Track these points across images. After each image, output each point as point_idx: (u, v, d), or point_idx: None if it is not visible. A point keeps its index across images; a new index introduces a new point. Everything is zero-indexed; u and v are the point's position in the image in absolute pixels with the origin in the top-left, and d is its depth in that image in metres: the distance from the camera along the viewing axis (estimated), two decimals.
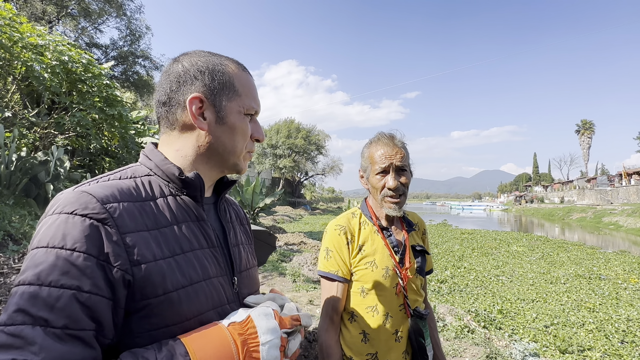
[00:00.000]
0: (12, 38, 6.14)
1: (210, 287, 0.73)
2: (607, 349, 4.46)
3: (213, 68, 0.78)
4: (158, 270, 0.65)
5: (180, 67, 0.78)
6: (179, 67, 0.78)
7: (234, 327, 0.66)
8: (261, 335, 0.66)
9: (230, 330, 0.65)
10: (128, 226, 0.64)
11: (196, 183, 0.76)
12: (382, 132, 1.45)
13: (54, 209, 0.63)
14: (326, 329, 1.35)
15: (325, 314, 1.36)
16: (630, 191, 35.78)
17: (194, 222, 0.76)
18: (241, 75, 0.82)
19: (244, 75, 0.83)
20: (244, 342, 0.64)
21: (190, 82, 0.77)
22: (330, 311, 1.36)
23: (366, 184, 1.46)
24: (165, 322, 0.65)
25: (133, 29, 21.53)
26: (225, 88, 0.78)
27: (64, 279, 0.56)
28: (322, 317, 1.37)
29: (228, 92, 0.78)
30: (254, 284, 0.91)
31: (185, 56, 0.81)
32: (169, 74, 0.78)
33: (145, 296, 0.63)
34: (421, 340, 1.33)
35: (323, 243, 1.44)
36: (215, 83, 0.77)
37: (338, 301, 1.36)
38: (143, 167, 0.79)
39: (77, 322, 0.55)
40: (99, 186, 0.67)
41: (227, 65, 0.80)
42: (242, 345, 0.64)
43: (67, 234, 0.59)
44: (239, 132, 0.80)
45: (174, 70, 0.78)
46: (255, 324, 0.67)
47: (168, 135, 0.80)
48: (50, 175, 6.56)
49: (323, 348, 1.34)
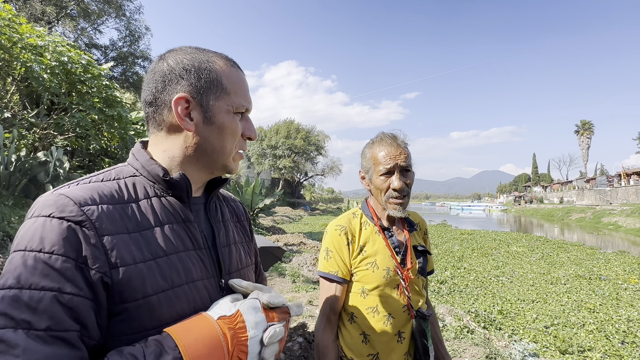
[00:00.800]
0: (12, 39, 6.14)
1: (194, 290, 0.71)
2: (607, 349, 4.45)
3: (199, 66, 0.75)
4: (138, 274, 0.64)
5: (165, 66, 0.75)
6: (164, 65, 0.76)
7: (224, 321, 0.65)
8: (250, 330, 0.66)
9: (220, 324, 0.65)
10: (107, 229, 0.63)
11: (181, 184, 0.74)
12: (384, 132, 1.43)
13: (32, 212, 0.62)
14: (323, 329, 1.34)
15: (322, 314, 1.36)
16: (630, 191, 35.81)
17: (179, 223, 0.75)
18: (230, 71, 0.79)
19: (233, 72, 0.80)
20: (233, 336, 0.64)
21: (175, 82, 0.74)
22: (328, 311, 1.35)
23: (368, 185, 1.44)
24: (145, 326, 0.64)
25: (132, 29, 21.55)
26: (213, 86, 0.76)
27: (45, 282, 0.55)
28: (320, 316, 1.36)
29: (216, 91, 0.76)
30: None
31: (171, 53, 0.78)
32: (155, 73, 0.76)
33: (124, 300, 0.62)
34: (424, 341, 1.32)
35: (323, 243, 1.43)
36: (202, 82, 0.75)
37: (336, 301, 1.35)
38: (129, 167, 0.77)
39: (60, 323, 0.55)
40: (79, 189, 0.66)
41: (214, 62, 0.77)
42: (232, 339, 0.64)
43: (45, 237, 0.58)
44: (228, 132, 0.77)
45: (159, 68, 0.76)
46: (245, 318, 0.66)
47: (156, 135, 0.78)
48: (50, 176, 6.55)
49: (319, 347, 1.32)
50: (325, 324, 1.34)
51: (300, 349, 3.24)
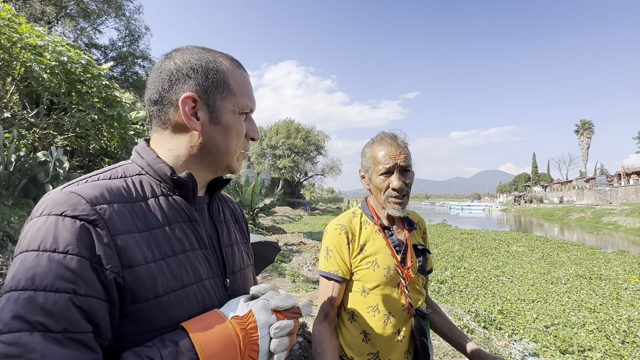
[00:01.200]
0: (11, 39, 6.13)
1: (202, 289, 0.72)
2: (607, 349, 4.45)
3: (207, 66, 0.75)
4: (149, 274, 0.64)
5: (172, 65, 0.75)
6: (171, 64, 0.75)
7: (237, 320, 0.67)
8: (260, 329, 0.67)
9: (233, 324, 0.66)
10: (119, 228, 0.63)
11: (188, 183, 0.74)
12: (385, 132, 1.44)
13: (41, 210, 0.61)
14: (320, 321, 1.34)
15: (321, 310, 1.36)
16: (629, 191, 35.82)
17: (185, 223, 0.75)
18: (235, 72, 0.79)
19: (239, 72, 0.80)
20: (245, 336, 0.65)
21: (183, 81, 0.74)
22: (327, 307, 1.35)
23: (368, 184, 1.45)
24: (156, 326, 0.64)
25: (132, 29, 21.54)
26: (220, 87, 0.76)
27: (59, 283, 0.55)
28: (318, 312, 1.37)
29: (222, 91, 0.76)
30: (248, 284, 0.89)
31: (178, 52, 0.78)
32: (161, 72, 0.76)
33: (136, 300, 0.62)
34: (424, 339, 1.33)
35: (323, 243, 1.43)
36: (209, 82, 0.75)
37: (335, 300, 1.35)
38: (135, 165, 0.76)
39: (76, 325, 0.54)
40: (88, 186, 0.65)
41: (221, 62, 0.77)
42: (244, 339, 0.65)
43: (59, 236, 0.57)
44: (233, 132, 0.77)
45: (165, 67, 0.75)
46: (256, 318, 0.68)
47: (160, 134, 0.78)
48: (50, 176, 6.55)
49: (316, 339, 1.32)
50: (322, 318, 1.35)
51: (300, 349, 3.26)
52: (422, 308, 1.37)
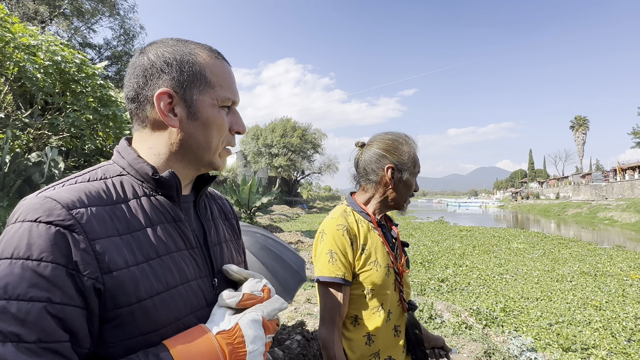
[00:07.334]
0: (4, 38, 6.03)
1: (189, 290, 0.70)
2: (613, 347, 4.41)
3: (181, 59, 0.72)
4: (131, 278, 0.62)
5: (146, 60, 0.72)
6: (145, 59, 0.72)
7: (222, 335, 0.65)
8: (248, 345, 0.65)
9: (219, 340, 0.64)
10: (97, 232, 0.61)
11: (171, 182, 0.72)
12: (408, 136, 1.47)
13: (16, 216, 0.59)
14: (335, 339, 1.25)
15: (331, 322, 1.26)
16: (625, 186, 36.03)
17: (170, 223, 0.73)
18: (214, 63, 0.76)
19: (217, 64, 0.76)
20: (231, 351, 0.63)
21: (157, 76, 0.71)
22: (335, 315, 1.27)
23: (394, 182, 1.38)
24: (141, 331, 0.62)
25: (127, 28, 21.38)
26: (196, 80, 0.73)
27: (33, 291, 0.53)
28: (328, 326, 1.27)
29: (199, 84, 0.73)
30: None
31: (152, 47, 0.74)
32: (135, 68, 0.73)
33: (118, 305, 0.60)
34: (416, 332, 1.36)
35: (324, 245, 1.31)
36: (185, 75, 0.72)
37: (343, 306, 1.28)
38: (115, 166, 0.74)
39: (51, 334, 0.53)
40: (65, 190, 0.62)
41: (197, 54, 0.74)
42: (230, 355, 0.63)
43: (33, 243, 0.55)
44: (213, 127, 0.75)
45: (139, 63, 0.73)
46: (244, 332, 0.66)
47: (140, 132, 0.75)
48: (45, 177, 6.46)
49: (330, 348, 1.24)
50: (331, 326, 1.26)
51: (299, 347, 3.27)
52: (412, 300, 1.40)
